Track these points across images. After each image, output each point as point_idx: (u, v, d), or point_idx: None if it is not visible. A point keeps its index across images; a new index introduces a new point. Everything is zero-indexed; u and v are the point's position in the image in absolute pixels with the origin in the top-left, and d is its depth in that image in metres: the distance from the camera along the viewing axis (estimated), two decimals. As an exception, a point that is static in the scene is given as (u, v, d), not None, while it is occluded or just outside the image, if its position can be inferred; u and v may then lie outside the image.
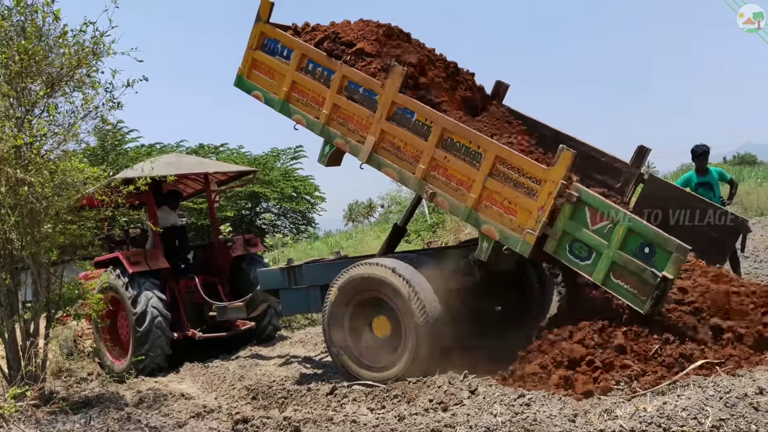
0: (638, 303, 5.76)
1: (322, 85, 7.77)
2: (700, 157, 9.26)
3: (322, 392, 7.04)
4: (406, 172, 7.25)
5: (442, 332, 6.87)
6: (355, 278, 7.28)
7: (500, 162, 6.64)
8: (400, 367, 7.01)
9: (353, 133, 7.61)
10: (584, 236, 6.10)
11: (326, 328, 7.52)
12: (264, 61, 8.21)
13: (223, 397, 7.76)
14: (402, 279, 6.92)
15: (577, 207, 6.20)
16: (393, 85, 7.23)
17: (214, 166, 11.81)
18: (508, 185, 6.60)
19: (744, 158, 49.59)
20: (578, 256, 6.17)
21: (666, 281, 5.59)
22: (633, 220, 5.86)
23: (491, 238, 6.73)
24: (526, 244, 6.44)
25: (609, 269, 5.92)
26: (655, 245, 5.71)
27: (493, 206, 6.72)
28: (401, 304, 6.93)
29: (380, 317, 7.32)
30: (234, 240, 11.12)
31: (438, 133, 6.97)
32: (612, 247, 5.89)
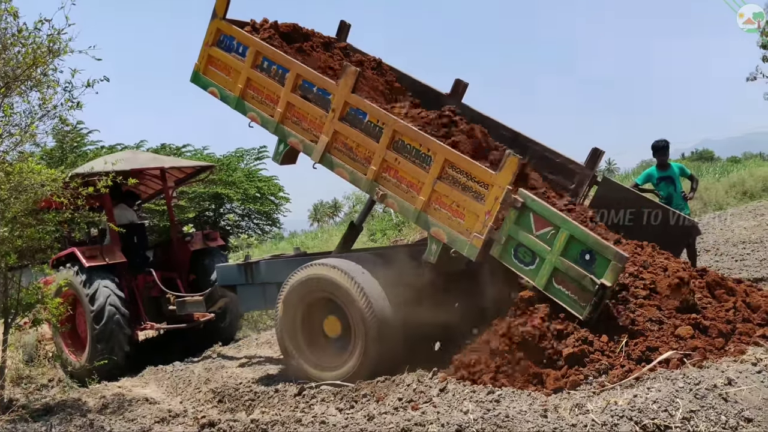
0: (578, 309, 5.81)
1: (276, 83, 7.74)
2: (660, 151, 9.33)
3: (290, 393, 7.02)
4: (358, 173, 7.27)
5: (392, 331, 6.92)
6: (303, 279, 7.31)
7: (449, 165, 6.66)
8: (350, 366, 7.07)
9: (307, 132, 7.60)
10: (528, 241, 6.15)
11: (278, 330, 7.56)
12: (220, 57, 8.16)
13: (189, 401, 7.72)
14: (349, 278, 6.96)
15: (521, 212, 6.24)
16: (346, 85, 7.23)
17: (169, 161, 11.76)
18: (456, 189, 6.63)
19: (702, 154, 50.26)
20: (522, 260, 6.22)
21: (604, 289, 5.65)
22: (574, 227, 5.91)
23: (440, 240, 6.77)
24: (473, 248, 6.48)
25: (551, 275, 5.98)
26: (595, 252, 5.77)
27: (441, 209, 6.75)
28: (349, 303, 6.98)
29: (330, 317, 7.37)
30: (192, 235, 11.12)
31: (389, 134, 6.98)
32: (554, 253, 5.95)
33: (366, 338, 6.90)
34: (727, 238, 14.14)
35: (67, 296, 9.75)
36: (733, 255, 12.04)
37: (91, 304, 9.53)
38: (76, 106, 7.34)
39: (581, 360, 5.65)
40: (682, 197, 9.21)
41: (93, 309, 9.50)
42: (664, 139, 9.40)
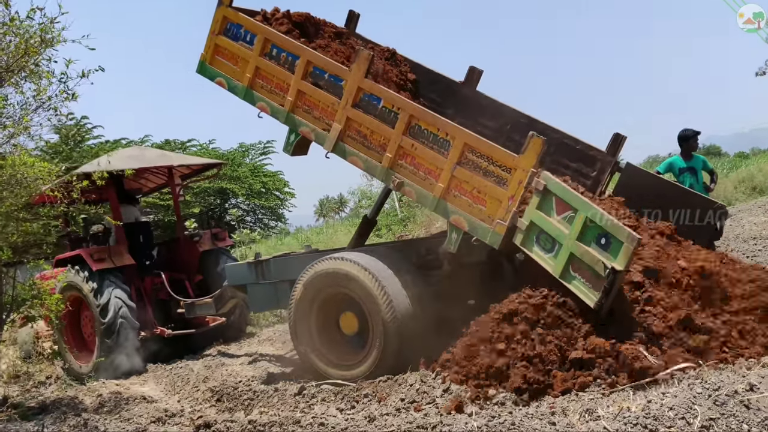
0: (590, 297, 5.51)
1: (286, 71, 7.49)
2: (690, 139, 9.08)
3: (290, 393, 6.75)
4: (373, 161, 6.99)
5: (411, 328, 6.64)
6: (320, 274, 7.03)
7: (469, 150, 6.38)
8: (369, 364, 6.77)
9: (319, 120, 7.33)
10: (549, 227, 5.85)
11: (292, 326, 7.27)
12: (227, 46, 7.91)
13: (187, 400, 7.48)
14: (368, 273, 6.68)
15: (544, 196, 5.95)
16: (359, 70, 6.97)
17: (177, 159, 11.53)
18: (477, 174, 6.34)
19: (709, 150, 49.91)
20: (544, 248, 5.91)
21: (615, 273, 5.31)
22: (592, 209, 5.60)
23: (460, 228, 6.48)
24: (495, 235, 6.19)
25: (568, 261, 5.67)
26: (610, 235, 5.45)
27: (462, 196, 6.47)
28: (368, 299, 6.69)
29: (347, 314, 7.08)
30: (201, 235, 10.82)
31: (405, 119, 6.71)
32: (571, 237, 5.64)
33: (385, 339, 6.60)
34: (737, 234, 13.77)
35: (71, 298, 9.50)
36: (745, 251, 11.67)
37: (102, 317, 9.24)
38: (71, 97, 7.12)
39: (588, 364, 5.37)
40: (706, 189, 8.92)
41: (105, 321, 9.21)
42: (693, 129, 9.13)
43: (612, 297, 5.42)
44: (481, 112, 8.59)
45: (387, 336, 6.58)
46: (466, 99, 8.68)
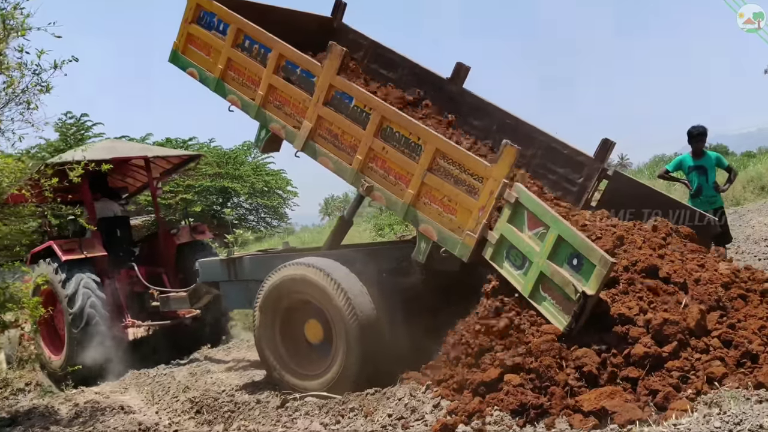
0: (559, 320, 5.13)
1: (258, 64, 7.15)
2: (696, 138, 8.64)
3: (273, 405, 6.44)
4: (343, 163, 6.66)
5: (377, 334, 6.33)
6: (280, 281, 6.72)
7: (441, 156, 6.03)
8: (333, 373, 6.48)
9: (290, 117, 7.00)
10: (520, 243, 5.49)
11: (256, 337, 7.00)
12: (200, 35, 7.57)
13: (165, 411, 7.15)
14: (327, 276, 6.38)
15: (516, 210, 5.59)
16: (331, 66, 6.61)
17: (153, 150, 11.20)
18: (448, 181, 5.99)
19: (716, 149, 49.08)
20: (514, 264, 5.55)
21: (586, 297, 4.92)
22: (564, 227, 5.23)
23: (429, 238, 6.15)
24: (464, 247, 5.85)
25: (538, 280, 5.30)
26: (582, 256, 5.07)
27: (432, 204, 6.13)
28: (328, 304, 6.39)
29: (312, 321, 6.78)
30: (179, 228, 10.56)
31: (377, 121, 6.36)
32: (542, 255, 5.27)
33: (347, 342, 6.30)
34: (747, 235, 13.33)
35: (45, 294, 9.28)
36: (755, 253, 11.24)
37: (69, 306, 9.04)
38: (45, 89, 6.85)
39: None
40: (714, 188, 8.50)
41: (72, 311, 9.01)
42: (701, 125, 8.69)
43: (582, 321, 5.06)
44: (467, 111, 8.23)
45: (349, 342, 6.29)
46: (452, 96, 8.30)
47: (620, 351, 4.91)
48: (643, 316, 5.08)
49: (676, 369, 4.77)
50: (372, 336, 6.30)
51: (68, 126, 25.85)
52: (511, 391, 4.87)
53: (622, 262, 5.59)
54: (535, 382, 4.91)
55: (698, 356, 4.85)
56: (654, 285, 5.38)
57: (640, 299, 5.28)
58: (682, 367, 4.78)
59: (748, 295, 5.50)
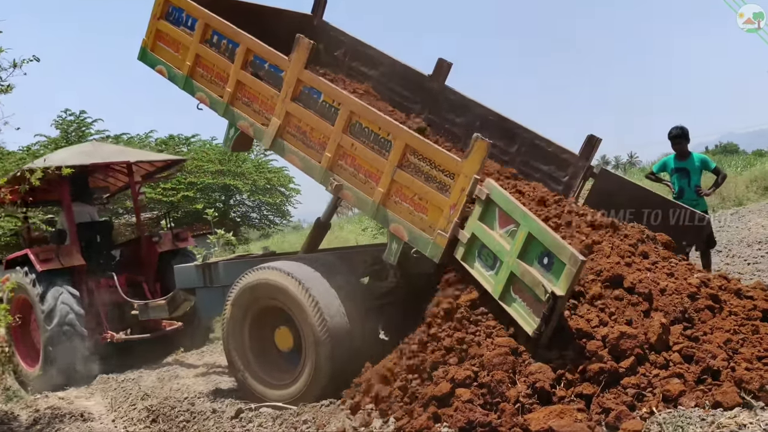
0: (529, 323, 4.78)
1: (226, 60, 6.88)
2: (674, 139, 8.28)
3: (228, 415, 6.16)
4: (311, 161, 6.36)
5: (348, 341, 6.03)
6: (248, 286, 6.44)
7: (411, 152, 5.73)
8: (303, 382, 6.17)
9: (258, 114, 6.72)
10: (491, 242, 5.17)
11: (225, 344, 6.70)
12: (168, 31, 7.32)
13: (122, 420, 6.91)
14: (295, 281, 6.09)
15: (487, 207, 5.27)
16: (298, 60, 6.33)
17: (136, 154, 10.88)
18: (419, 179, 5.68)
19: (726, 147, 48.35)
20: (485, 264, 5.22)
21: (555, 298, 4.57)
22: (534, 224, 4.90)
23: (400, 238, 5.84)
24: (436, 247, 5.54)
25: (509, 281, 4.96)
26: (553, 255, 4.74)
27: (402, 202, 5.82)
28: (297, 309, 6.09)
29: (282, 328, 6.48)
30: (161, 235, 10.27)
31: (345, 116, 6.07)
32: (512, 254, 4.95)
33: (317, 355, 5.99)
34: (742, 237, 12.94)
35: (18, 301, 9.02)
36: (746, 257, 10.87)
37: (47, 321, 8.75)
38: (6, 89, 6.64)
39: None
40: (696, 192, 8.13)
41: (48, 328, 8.72)
42: (680, 126, 8.33)
43: (553, 325, 4.72)
44: (448, 108, 7.95)
45: (319, 349, 5.98)
46: (434, 93, 8.02)
47: (576, 366, 4.56)
48: (603, 329, 4.75)
49: (631, 386, 4.40)
50: (343, 349, 6.00)
51: (68, 123, 25.75)
52: (460, 407, 4.52)
53: (587, 274, 5.28)
54: (486, 398, 4.57)
55: (657, 372, 4.49)
56: (617, 296, 5.05)
57: (601, 311, 4.95)
58: (638, 384, 4.42)
59: (716, 306, 5.15)
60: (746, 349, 4.72)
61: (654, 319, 4.80)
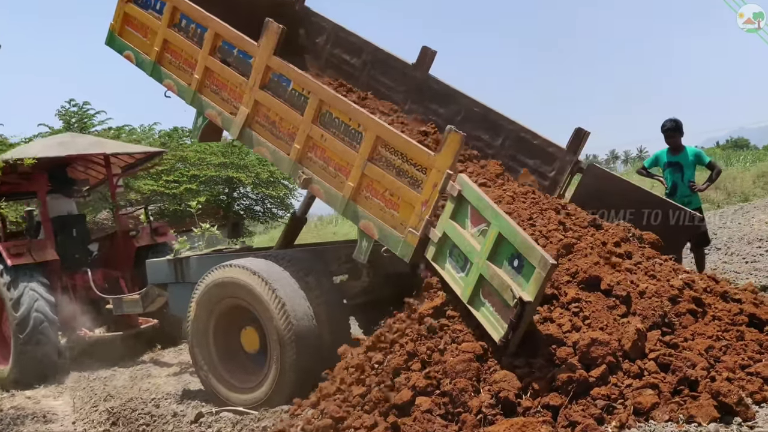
0: (497, 329, 4.44)
1: (194, 45, 6.56)
2: (667, 132, 7.88)
3: (188, 419, 5.92)
4: (280, 153, 6.04)
5: (315, 342, 5.72)
6: (212, 285, 6.13)
7: (382, 144, 5.40)
8: (268, 386, 5.87)
9: (226, 103, 6.40)
10: (462, 242, 4.84)
11: (190, 347, 6.41)
12: (136, 15, 6.99)
13: (83, 422, 6.63)
14: (259, 279, 5.78)
15: (459, 204, 4.93)
16: (267, 46, 6.00)
17: (113, 146, 10.56)
18: (390, 173, 5.36)
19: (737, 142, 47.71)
20: (456, 265, 4.89)
21: (523, 305, 4.23)
22: (506, 223, 4.56)
23: (371, 236, 5.51)
24: (407, 246, 5.21)
25: (478, 284, 4.62)
26: (523, 257, 4.40)
27: (373, 198, 5.49)
28: (260, 308, 5.79)
29: (248, 328, 6.18)
30: (139, 229, 9.97)
31: (315, 105, 5.74)
32: (482, 256, 4.61)
33: (282, 359, 5.68)
34: (743, 234, 12.52)
35: None
36: (745, 255, 10.48)
37: (15, 311, 8.45)
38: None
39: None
40: (690, 187, 7.75)
41: (17, 316, 8.42)
42: (673, 118, 7.93)
43: (520, 332, 4.38)
44: (431, 98, 7.59)
45: (283, 351, 5.67)
46: (417, 83, 7.66)
47: (544, 375, 4.22)
48: (575, 334, 4.41)
49: (601, 397, 4.05)
50: (311, 353, 5.69)
51: (71, 114, 25.47)
52: (418, 418, 4.20)
53: (562, 275, 4.94)
54: (448, 407, 4.24)
55: (630, 382, 4.14)
56: (593, 299, 4.71)
57: (575, 315, 4.61)
58: (608, 394, 4.06)
59: (699, 310, 4.80)
60: (729, 356, 4.38)
61: (629, 324, 4.45)
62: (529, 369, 4.30)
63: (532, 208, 5.91)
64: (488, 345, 4.50)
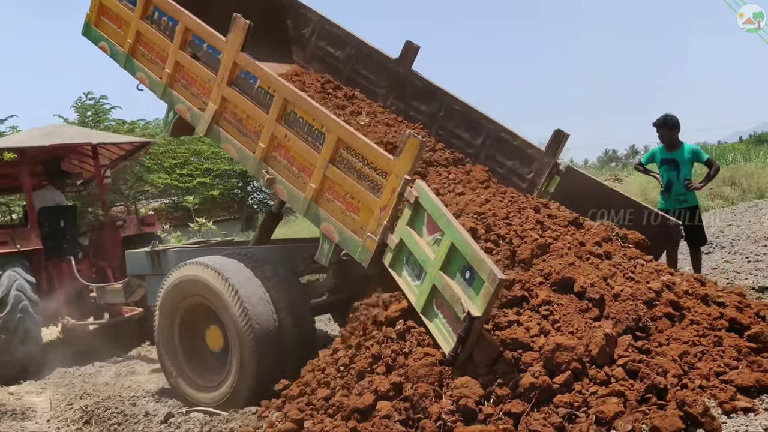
0: (447, 342, 4.34)
1: (166, 39, 6.46)
2: (657, 127, 7.66)
3: (158, 419, 5.88)
4: (246, 151, 5.95)
5: (276, 340, 5.65)
6: (176, 282, 6.07)
7: (344, 146, 5.29)
8: (229, 384, 5.81)
9: (196, 98, 6.31)
10: (417, 250, 4.73)
11: (157, 346, 6.39)
12: (111, 6, 6.91)
13: (57, 419, 6.59)
14: (219, 276, 5.70)
15: (416, 211, 4.82)
16: (234, 41, 5.89)
17: (98, 136, 10.49)
18: (351, 176, 5.25)
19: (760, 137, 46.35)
20: (412, 274, 4.79)
21: (472, 320, 4.11)
22: (457, 233, 4.43)
23: (331, 239, 5.42)
24: (365, 251, 5.11)
25: (431, 294, 4.52)
26: (474, 269, 4.28)
27: (335, 200, 5.39)
28: (220, 306, 5.72)
29: (212, 327, 6.10)
30: (126, 219, 9.96)
31: (280, 104, 5.63)
32: (435, 266, 4.50)
33: (241, 354, 5.62)
34: (751, 232, 12.20)
35: None
36: (748, 254, 10.19)
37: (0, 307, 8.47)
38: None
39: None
40: (685, 185, 7.53)
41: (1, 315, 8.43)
42: (669, 115, 7.68)
43: (470, 347, 4.27)
44: (413, 95, 7.47)
45: (243, 349, 5.60)
46: (400, 78, 7.54)
47: (507, 381, 4.10)
48: (542, 339, 4.28)
49: (564, 405, 3.91)
50: (271, 351, 5.62)
51: (87, 107, 25.55)
52: (377, 423, 4.11)
53: (535, 276, 4.81)
54: (409, 413, 4.13)
55: (595, 389, 3.99)
56: (565, 301, 4.57)
57: (544, 318, 4.46)
58: (571, 402, 3.92)
59: (676, 313, 4.62)
60: (704, 363, 4.20)
61: (598, 328, 4.31)
62: (492, 376, 4.18)
63: (510, 206, 5.78)
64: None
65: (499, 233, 5.21)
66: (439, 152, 6.97)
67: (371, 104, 7.51)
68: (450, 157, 6.95)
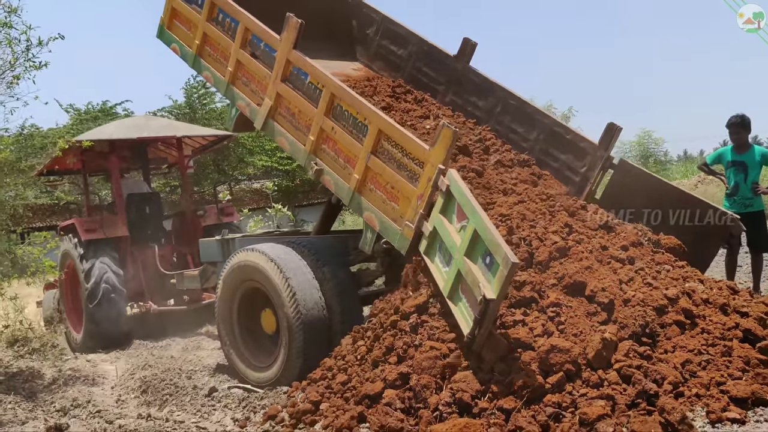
0: (468, 325, 4.43)
1: (228, 39, 6.84)
2: (731, 127, 7.33)
3: (203, 393, 6.27)
4: (298, 144, 6.23)
5: (321, 327, 5.89)
6: (234, 267, 6.42)
7: (385, 137, 5.47)
8: (277, 367, 6.10)
9: (254, 95, 6.66)
10: (447, 237, 4.85)
11: (217, 324, 6.77)
12: (181, 10, 7.38)
13: (120, 387, 7.14)
14: (273, 264, 5.98)
15: (448, 200, 4.94)
16: (287, 40, 6.18)
17: (184, 129, 11.06)
18: (391, 166, 5.43)
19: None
20: (443, 260, 4.91)
21: (487, 302, 4.18)
22: (480, 220, 4.52)
23: (373, 228, 5.61)
24: (403, 239, 5.27)
25: (456, 279, 4.62)
26: (493, 255, 4.35)
27: (377, 190, 5.58)
28: (273, 292, 6.01)
29: (267, 310, 6.42)
30: (206, 209, 10.48)
31: (327, 98, 5.88)
32: (460, 251, 4.60)
33: (289, 345, 5.88)
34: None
35: (69, 267, 9.53)
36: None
37: (86, 281, 9.19)
38: (40, 66, 6.96)
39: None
40: (753, 190, 7.26)
41: (87, 286, 9.15)
42: (740, 113, 7.42)
43: (486, 330, 4.35)
44: (471, 90, 7.57)
45: (291, 334, 5.87)
46: (458, 74, 7.66)
47: (504, 378, 4.19)
48: (542, 339, 4.33)
49: (552, 404, 3.97)
50: (318, 337, 5.87)
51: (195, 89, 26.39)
52: (379, 409, 4.29)
53: (549, 278, 4.86)
54: (411, 402, 4.30)
55: (585, 391, 4.02)
56: (575, 304, 4.60)
57: (550, 320, 4.52)
58: (559, 402, 3.97)
59: (688, 321, 4.56)
60: (707, 372, 4.16)
61: (597, 333, 4.33)
62: (491, 372, 4.29)
63: (542, 209, 5.80)
64: (459, 344, 4.53)
65: (521, 235, 5.26)
66: (504, 153, 6.99)
67: (440, 107, 7.63)
68: (515, 159, 6.95)
